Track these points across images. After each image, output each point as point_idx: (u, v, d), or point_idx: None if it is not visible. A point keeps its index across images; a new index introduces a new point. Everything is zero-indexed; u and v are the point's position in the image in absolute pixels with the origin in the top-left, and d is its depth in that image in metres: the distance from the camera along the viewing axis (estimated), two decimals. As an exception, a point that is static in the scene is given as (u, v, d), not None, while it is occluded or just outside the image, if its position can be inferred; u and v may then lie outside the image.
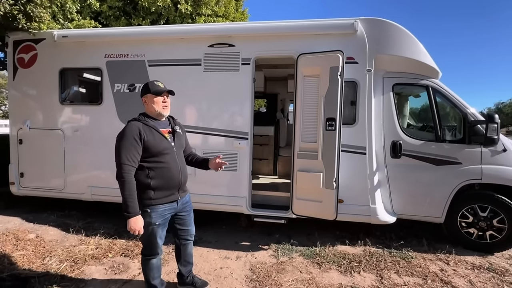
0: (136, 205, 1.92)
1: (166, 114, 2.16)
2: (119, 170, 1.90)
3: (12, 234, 3.47)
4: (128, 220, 1.90)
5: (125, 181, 1.89)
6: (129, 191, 1.90)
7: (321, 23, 3.38)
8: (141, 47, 3.74)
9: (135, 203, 1.91)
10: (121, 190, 1.90)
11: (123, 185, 1.89)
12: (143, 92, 2.12)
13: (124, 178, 1.89)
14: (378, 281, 2.68)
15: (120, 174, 1.90)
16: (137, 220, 1.92)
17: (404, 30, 3.31)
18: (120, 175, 1.90)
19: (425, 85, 3.40)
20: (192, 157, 2.43)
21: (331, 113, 3.08)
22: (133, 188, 1.91)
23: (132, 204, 1.90)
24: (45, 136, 4.06)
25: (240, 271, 2.85)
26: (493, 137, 3.03)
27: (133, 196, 1.91)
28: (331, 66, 3.07)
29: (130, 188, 1.90)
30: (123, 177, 1.89)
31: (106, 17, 5.65)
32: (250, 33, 3.55)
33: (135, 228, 1.91)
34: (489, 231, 3.25)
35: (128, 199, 1.89)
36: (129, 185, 1.90)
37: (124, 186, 1.89)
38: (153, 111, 2.10)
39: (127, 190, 1.89)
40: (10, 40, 4.10)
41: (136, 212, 1.91)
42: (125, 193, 1.89)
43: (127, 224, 1.91)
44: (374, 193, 3.34)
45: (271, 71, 5.06)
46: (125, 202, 1.89)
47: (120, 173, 1.90)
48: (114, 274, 2.77)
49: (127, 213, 1.89)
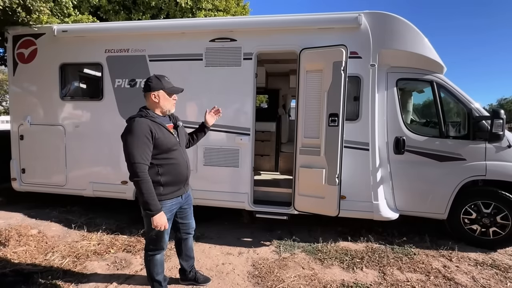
0: (157, 202, 1.90)
1: (173, 111, 2.16)
2: (134, 170, 1.85)
3: (14, 230, 3.47)
4: (152, 218, 1.89)
5: (142, 180, 1.85)
6: (147, 189, 1.87)
7: (324, 17, 3.33)
8: (142, 42, 3.70)
9: (156, 200, 1.90)
10: (139, 190, 1.87)
11: (141, 184, 1.85)
12: (156, 87, 2.02)
13: (141, 178, 1.85)
14: (381, 277, 2.68)
15: (135, 174, 1.85)
16: (161, 216, 1.92)
17: (409, 24, 3.25)
18: (136, 175, 1.85)
19: (430, 80, 3.35)
20: (192, 136, 2.48)
21: (334, 108, 3.04)
22: (150, 186, 1.89)
23: (153, 202, 1.88)
24: (46, 132, 4.05)
25: (242, 267, 2.85)
26: (499, 133, 2.99)
27: (153, 194, 1.89)
28: (334, 61, 3.02)
29: (148, 186, 1.87)
30: (139, 177, 1.85)
31: (105, 12, 5.59)
32: (252, 27, 3.50)
33: (161, 224, 1.92)
34: (492, 227, 3.24)
35: (148, 197, 1.87)
36: (147, 183, 1.87)
37: (142, 185, 1.86)
38: (160, 108, 2.06)
39: (145, 189, 1.86)
40: (9, 35, 4.06)
41: (158, 209, 1.91)
42: (144, 192, 1.86)
43: (152, 222, 1.90)
44: (377, 190, 3.32)
45: (272, 66, 5.01)
46: (145, 201, 1.87)
47: (136, 172, 1.85)
48: (117, 270, 2.78)
49: (149, 211, 1.88)
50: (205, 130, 2.50)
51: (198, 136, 2.50)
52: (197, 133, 2.50)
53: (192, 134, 2.49)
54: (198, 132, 2.50)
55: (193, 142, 2.51)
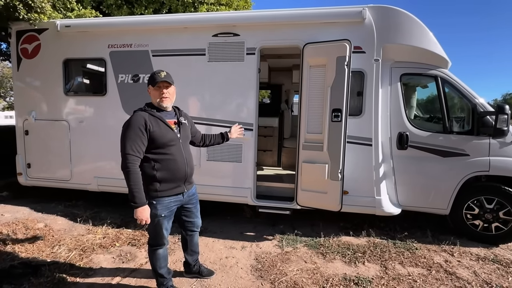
0: (142, 195, 1.92)
1: (166, 105, 2.10)
2: (124, 160, 1.90)
3: (21, 223, 3.54)
4: (135, 210, 1.92)
5: (130, 171, 1.89)
6: (134, 181, 1.90)
7: (327, 11, 3.30)
8: (145, 37, 3.69)
9: (141, 193, 1.92)
10: (127, 180, 1.90)
11: (128, 175, 1.89)
12: (148, 82, 2.12)
13: (129, 168, 1.89)
14: (383, 271, 2.70)
15: (125, 164, 1.90)
16: (144, 210, 1.93)
17: (413, 18, 3.21)
18: (125, 165, 1.89)
19: (434, 75, 3.33)
20: (208, 138, 2.53)
21: (337, 104, 3.04)
22: (138, 178, 1.91)
23: (138, 194, 1.90)
24: (50, 127, 4.09)
25: (245, 261, 2.89)
26: (503, 129, 2.98)
27: (139, 186, 1.91)
28: (338, 56, 3.00)
29: (135, 178, 1.90)
30: (127, 167, 1.89)
31: (108, 6, 5.58)
32: (255, 22, 3.48)
33: (142, 218, 1.93)
34: (495, 223, 3.24)
35: (134, 189, 1.89)
36: (135, 175, 1.90)
37: (130, 176, 1.89)
38: (154, 102, 2.10)
39: (132, 180, 1.89)
40: (13, 31, 4.08)
41: (142, 202, 1.92)
42: (131, 183, 1.89)
43: (134, 214, 1.93)
44: (380, 185, 3.33)
45: (275, 61, 4.98)
46: (131, 192, 1.90)
47: (125, 163, 1.89)
48: (122, 263, 2.83)
49: (133, 203, 1.90)
50: (225, 140, 2.58)
51: (215, 141, 2.56)
52: (216, 138, 2.56)
53: (210, 136, 2.55)
54: (217, 138, 2.56)
55: (207, 144, 2.56)
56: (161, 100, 2.07)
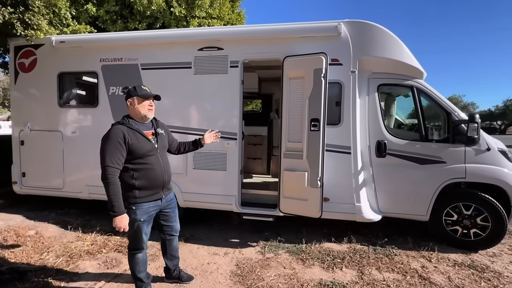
0: (121, 204, 2.04)
1: (150, 117, 2.27)
2: (104, 172, 2.02)
3: (13, 231, 3.65)
4: (113, 218, 2.03)
5: (109, 182, 2.01)
6: (113, 191, 2.02)
7: (305, 26, 3.47)
8: (134, 51, 3.88)
9: (120, 203, 2.04)
10: (106, 191, 2.02)
11: (108, 186, 2.01)
12: (129, 94, 2.23)
13: (109, 180, 2.01)
14: (358, 277, 2.77)
15: (104, 175, 2.02)
16: (122, 218, 2.05)
17: (387, 32, 3.37)
18: (105, 177, 2.01)
19: (410, 86, 3.46)
20: (183, 146, 2.62)
21: (315, 114, 3.17)
22: (117, 189, 2.03)
23: (117, 203, 2.02)
24: (45, 138, 4.25)
25: (226, 267, 2.97)
26: (473, 137, 3.08)
27: (118, 196, 2.03)
28: (315, 68, 3.15)
29: (114, 188, 2.02)
30: (107, 179, 2.01)
31: (103, 21, 5.82)
32: (237, 36, 3.66)
33: (121, 226, 2.05)
34: (473, 229, 3.30)
35: (113, 199, 2.01)
36: (114, 186, 2.02)
37: (109, 187, 2.01)
38: (138, 113, 2.21)
39: (111, 191, 2.01)
40: (11, 46, 4.30)
41: (121, 211, 2.04)
42: (110, 193, 2.01)
43: (113, 222, 2.04)
44: (359, 192, 3.42)
45: (265, 72, 5.15)
46: (110, 202, 2.02)
47: (105, 175, 2.01)
48: (107, 269, 2.92)
49: (112, 212, 2.02)
50: (198, 147, 2.65)
51: (189, 148, 2.65)
52: (190, 146, 2.64)
53: (184, 144, 2.63)
54: (191, 145, 2.64)
55: (182, 152, 2.64)
56: (148, 112, 2.23)
